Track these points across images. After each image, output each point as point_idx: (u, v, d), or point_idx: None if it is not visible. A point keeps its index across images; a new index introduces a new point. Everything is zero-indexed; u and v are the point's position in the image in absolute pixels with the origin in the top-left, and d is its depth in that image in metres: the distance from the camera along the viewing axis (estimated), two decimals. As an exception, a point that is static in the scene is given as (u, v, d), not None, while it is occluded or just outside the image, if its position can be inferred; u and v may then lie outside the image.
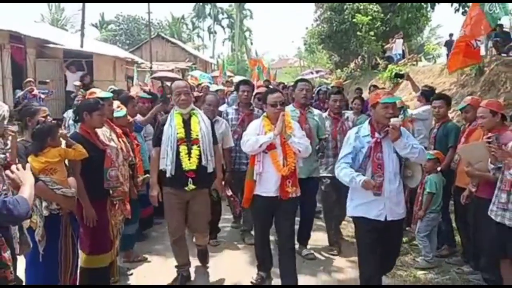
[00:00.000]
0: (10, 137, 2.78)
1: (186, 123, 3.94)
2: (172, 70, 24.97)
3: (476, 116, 4.07)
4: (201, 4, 51.95)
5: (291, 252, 3.92)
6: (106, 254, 3.64)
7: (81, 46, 18.66)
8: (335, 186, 4.37)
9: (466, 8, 9.98)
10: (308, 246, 4.88)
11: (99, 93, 4.23)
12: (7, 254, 2.22)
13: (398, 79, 12.93)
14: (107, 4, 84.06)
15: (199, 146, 3.89)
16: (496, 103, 4.00)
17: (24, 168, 2.26)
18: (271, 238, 4.22)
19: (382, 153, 3.37)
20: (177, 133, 3.87)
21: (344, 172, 3.40)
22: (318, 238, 5.18)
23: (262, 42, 74.99)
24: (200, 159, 3.88)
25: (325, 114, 5.05)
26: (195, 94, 5.58)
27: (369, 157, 3.37)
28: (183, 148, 3.87)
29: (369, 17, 19.72)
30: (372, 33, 19.79)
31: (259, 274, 4.11)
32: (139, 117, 5.05)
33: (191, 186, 3.85)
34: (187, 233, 4.38)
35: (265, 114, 3.95)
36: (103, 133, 3.75)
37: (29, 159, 2.99)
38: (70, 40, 19.57)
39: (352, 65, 22.67)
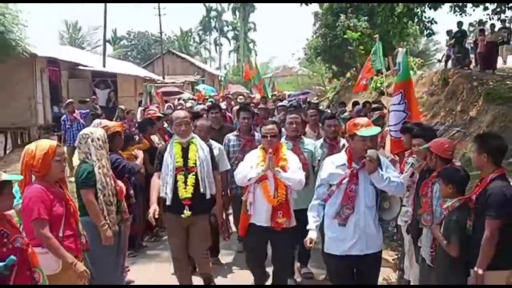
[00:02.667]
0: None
1: (185, 151, 4.07)
2: (183, 83, 27.48)
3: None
4: (207, 18, 54.71)
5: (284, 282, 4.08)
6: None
7: (104, 65, 21.27)
8: None
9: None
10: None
11: (158, 113, 6.74)
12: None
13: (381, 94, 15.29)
14: (120, 19, 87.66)
15: (195, 174, 3.99)
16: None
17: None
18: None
19: (357, 185, 3.23)
20: (176, 162, 4.00)
21: (310, 216, 3.39)
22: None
23: (267, 50, 77.49)
24: (196, 186, 3.98)
25: (320, 141, 4.87)
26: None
27: (338, 186, 3.25)
28: (180, 177, 3.99)
29: (359, 33, 22.07)
30: (361, 47, 22.13)
31: None
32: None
33: (187, 213, 3.94)
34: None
35: (262, 145, 4.00)
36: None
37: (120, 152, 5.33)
38: (92, 59, 22.17)
39: (348, 74, 25.00)
